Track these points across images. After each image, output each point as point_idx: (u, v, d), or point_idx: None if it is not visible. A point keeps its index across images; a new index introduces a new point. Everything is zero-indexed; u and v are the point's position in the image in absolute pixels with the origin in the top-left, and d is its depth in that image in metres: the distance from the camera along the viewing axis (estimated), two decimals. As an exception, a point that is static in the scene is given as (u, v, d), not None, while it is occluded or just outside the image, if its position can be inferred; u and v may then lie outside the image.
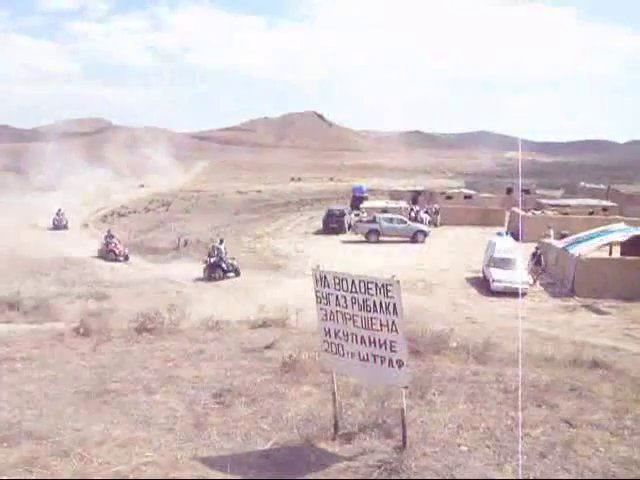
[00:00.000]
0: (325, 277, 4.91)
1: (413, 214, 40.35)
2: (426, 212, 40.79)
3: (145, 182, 79.15)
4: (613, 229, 25.86)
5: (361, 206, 42.92)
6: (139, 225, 45.75)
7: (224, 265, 24.20)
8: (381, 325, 4.66)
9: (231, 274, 24.27)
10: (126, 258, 29.42)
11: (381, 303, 4.60)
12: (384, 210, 39.82)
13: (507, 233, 31.40)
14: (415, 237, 34.57)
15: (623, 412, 5.78)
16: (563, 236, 27.62)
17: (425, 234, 35.26)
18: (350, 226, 38.61)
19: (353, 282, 4.74)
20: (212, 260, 24.25)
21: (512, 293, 20.73)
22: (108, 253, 29.03)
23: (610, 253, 25.50)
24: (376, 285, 4.61)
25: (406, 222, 35.72)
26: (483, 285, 22.90)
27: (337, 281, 4.84)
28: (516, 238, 27.56)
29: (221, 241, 26.00)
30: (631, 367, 8.28)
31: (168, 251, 31.87)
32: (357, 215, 40.30)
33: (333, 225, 38.65)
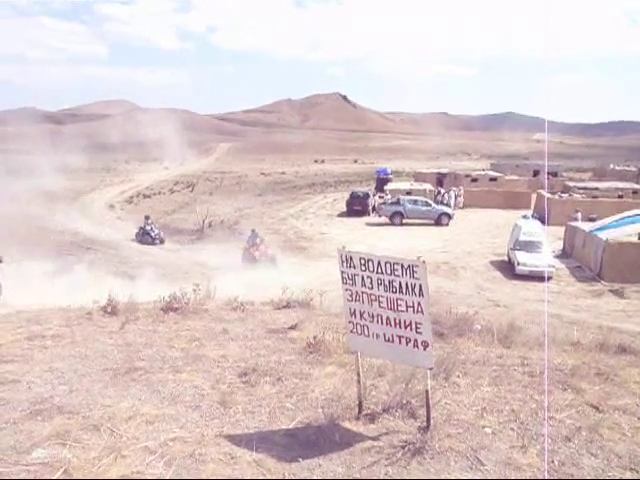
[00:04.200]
0: (351, 258, 4.91)
1: (439, 197, 40.08)
2: (447, 193, 40.46)
3: (169, 164, 79.87)
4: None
5: (385, 188, 42.71)
6: (164, 206, 46.25)
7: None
8: (407, 306, 4.65)
9: None
10: (273, 260, 24.00)
11: (407, 284, 4.58)
12: (408, 192, 39.61)
13: (533, 216, 31.07)
14: (439, 220, 34.35)
15: (651, 397, 5.71)
16: (591, 220, 27.24)
17: (450, 217, 35.00)
18: (374, 208, 38.51)
19: (379, 263, 4.73)
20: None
21: (537, 277, 20.55)
22: (255, 256, 23.79)
23: (639, 238, 25.00)
24: (402, 266, 4.59)
25: (430, 204, 35.51)
26: (508, 268, 22.72)
27: (363, 262, 4.83)
28: (542, 221, 27.21)
29: None
30: (659, 353, 8.13)
31: (193, 232, 32.15)
32: (381, 197, 40.16)
33: (357, 207, 38.60)
